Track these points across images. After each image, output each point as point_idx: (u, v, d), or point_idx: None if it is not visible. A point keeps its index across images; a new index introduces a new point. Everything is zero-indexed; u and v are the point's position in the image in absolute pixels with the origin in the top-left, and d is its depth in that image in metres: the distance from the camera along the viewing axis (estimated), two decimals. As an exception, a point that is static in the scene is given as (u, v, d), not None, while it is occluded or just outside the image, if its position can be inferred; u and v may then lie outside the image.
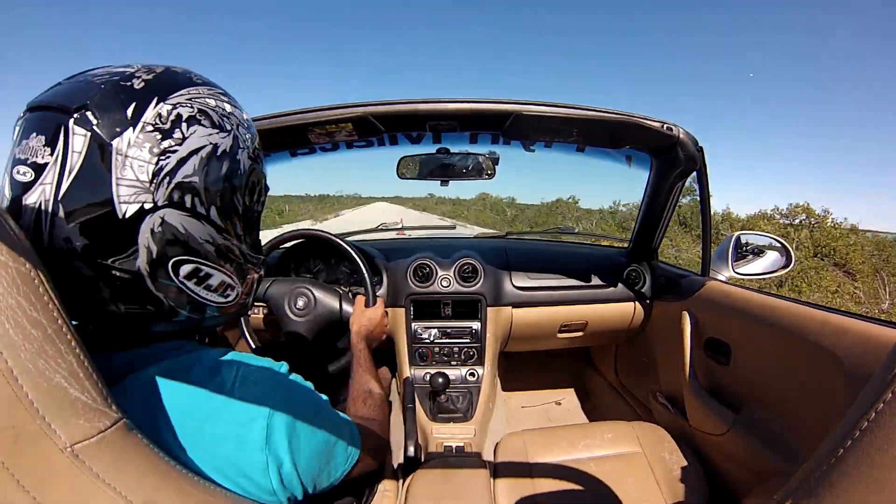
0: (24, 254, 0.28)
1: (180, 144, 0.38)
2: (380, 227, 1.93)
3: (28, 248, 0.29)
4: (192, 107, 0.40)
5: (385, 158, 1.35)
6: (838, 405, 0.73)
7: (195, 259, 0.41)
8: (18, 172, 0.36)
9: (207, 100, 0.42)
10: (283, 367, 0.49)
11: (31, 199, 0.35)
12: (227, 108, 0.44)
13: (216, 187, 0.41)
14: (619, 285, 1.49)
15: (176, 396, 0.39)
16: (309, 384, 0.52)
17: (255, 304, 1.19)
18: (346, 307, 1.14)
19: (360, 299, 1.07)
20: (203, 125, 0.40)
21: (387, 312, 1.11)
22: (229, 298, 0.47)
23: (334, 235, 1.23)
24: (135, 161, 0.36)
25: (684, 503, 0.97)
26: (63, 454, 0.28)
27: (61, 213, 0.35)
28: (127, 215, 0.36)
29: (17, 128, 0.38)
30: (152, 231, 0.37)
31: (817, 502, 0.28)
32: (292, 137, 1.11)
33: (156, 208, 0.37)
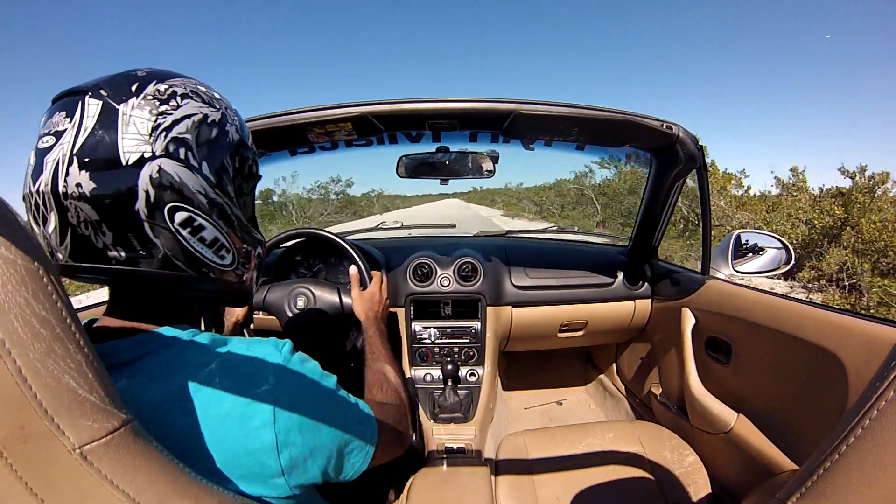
0: (33, 251, 0.28)
1: (175, 110, 0.45)
2: (379, 226, 1.94)
3: (37, 246, 0.29)
4: (185, 87, 0.47)
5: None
6: (839, 404, 0.74)
7: (188, 207, 0.45)
8: (42, 143, 0.42)
9: (198, 86, 0.49)
10: (287, 345, 0.50)
11: (50, 157, 0.41)
12: (216, 94, 0.51)
13: (207, 146, 0.47)
14: (619, 284, 1.49)
15: (175, 393, 0.40)
16: (315, 364, 0.52)
17: (256, 311, 1.19)
18: (347, 299, 1.14)
19: (355, 282, 1.05)
20: (195, 100, 0.47)
21: (383, 279, 1.08)
22: (225, 261, 0.50)
23: (333, 234, 1.23)
24: (137, 119, 0.42)
25: (686, 503, 0.97)
26: (71, 455, 0.28)
27: (75, 164, 0.40)
28: (130, 162, 0.42)
29: (43, 118, 0.44)
30: (150, 177, 0.42)
31: (819, 500, 0.28)
32: (292, 137, 1.11)
33: (154, 157, 0.43)
